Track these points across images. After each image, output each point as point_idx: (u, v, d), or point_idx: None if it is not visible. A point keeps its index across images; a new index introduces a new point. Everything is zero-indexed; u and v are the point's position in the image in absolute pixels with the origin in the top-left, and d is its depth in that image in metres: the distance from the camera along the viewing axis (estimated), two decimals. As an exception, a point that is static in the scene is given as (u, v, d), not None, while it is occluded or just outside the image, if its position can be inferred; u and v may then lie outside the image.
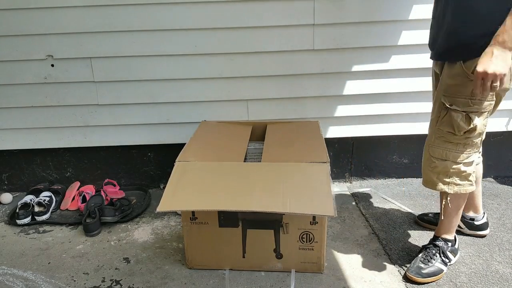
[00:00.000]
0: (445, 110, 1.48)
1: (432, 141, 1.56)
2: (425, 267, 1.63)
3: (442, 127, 1.51)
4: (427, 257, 1.66)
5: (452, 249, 1.71)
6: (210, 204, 1.47)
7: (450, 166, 1.53)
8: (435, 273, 1.63)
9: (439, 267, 1.64)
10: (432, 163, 1.56)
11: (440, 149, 1.53)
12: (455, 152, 1.51)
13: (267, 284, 1.64)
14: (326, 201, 1.43)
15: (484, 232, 1.90)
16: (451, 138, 1.50)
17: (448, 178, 1.54)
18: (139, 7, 2.08)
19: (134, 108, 2.28)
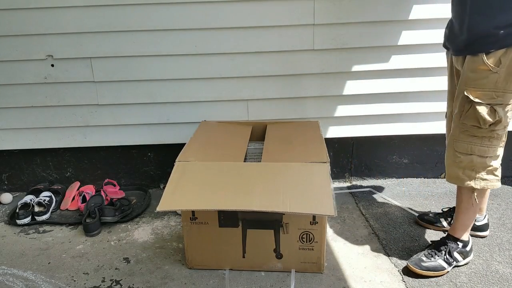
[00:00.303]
0: (469, 103, 1.46)
1: (456, 135, 1.53)
2: (426, 260, 1.64)
3: (466, 121, 1.48)
4: (432, 252, 1.66)
5: (462, 251, 1.68)
6: (210, 204, 1.47)
7: (475, 161, 1.51)
8: (435, 269, 1.62)
9: (441, 264, 1.64)
10: (457, 158, 1.54)
11: (465, 144, 1.51)
12: (480, 146, 1.49)
13: (267, 284, 1.64)
14: (326, 201, 1.43)
15: (484, 233, 1.90)
16: (476, 132, 1.48)
17: (474, 173, 1.53)
18: (139, 7, 2.08)
19: (134, 108, 2.28)
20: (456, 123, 1.53)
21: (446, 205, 2.20)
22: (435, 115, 2.35)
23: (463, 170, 1.54)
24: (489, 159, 1.51)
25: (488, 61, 1.39)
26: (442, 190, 2.37)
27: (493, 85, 1.41)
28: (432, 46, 2.15)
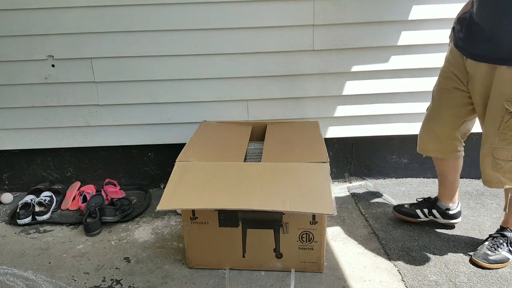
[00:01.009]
0: (509, 114, 1.50)
1: (496, 143, 1.57)
2: (492, 254, 1.69)
3: (506, 131, 1.53)
4: (494, 245, 1.72)
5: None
6: (210, 203, 1.48)
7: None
8: (501, 261, 1.69)
9: (506, 255, 1.70)
10: (497, 165, 1.59)
11: (505, 151, 1.56)
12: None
13: (267, 283, 1.65)
14: (326, 200, 1.43)
15: (456, 220, 1.98)
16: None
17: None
18: (140, 8, 2.08)
19: (135, 108, 2.28)
20: (494, 132, 1.56)
21: (445, 205, 2.21)
22: (434, 115, 2.35)
23: (504, 174, 1.60)
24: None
25: None
26: (441, 190, 2.37)
27: None
28: (432, 46, 2.15)
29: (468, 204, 2.21)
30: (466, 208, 2.16)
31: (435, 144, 1.83)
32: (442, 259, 1.77)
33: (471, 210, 2.15)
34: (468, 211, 2.14)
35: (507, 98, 1.48)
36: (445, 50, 1.82)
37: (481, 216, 2.09)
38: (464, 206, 2.19)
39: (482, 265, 1.69)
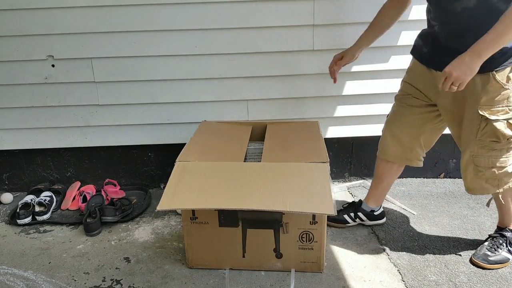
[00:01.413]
0: (485, 121, 1.50)
1: (476, 151, 1.57)
2: (492, 255, 1.70)
3: (484, 138, 1.53)
4: (494, 245, 1.72)
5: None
6: (210, 203, 1.48)
7: (497, 172, 1.57)
8: (501, 261, 1.70)
9: (506, 256, 1.71)
10: (479, 172, 1.60)
11: (485, 158, 1.56)
12: (500, 158, 1.55)
13: (267, 283, 1.65)
14: (326, 200, 1.43)
15: (382, 220, 2.03)
16: (495, 146, 1.53)
17: (497, 181, 1.60)
18: (140, 8, 2.08)
19: (135, 108, 2.28)
20: (473, 140, 1.56)
21: (445, 204, 2.21)
22: (434, 115, 2.35)
23: (486, 181, 1.60)
24: (509, 167, 1.57)
25: (499, 78, 1.44)
26: (441, 190, 2.37)
27: (506, 101, 1.47)
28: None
29: (468, 204, 2.21)
30: (466, 208, 2.17)
31: (398, 150, 1.84)
32: (442, 259, 1.77)
33: (471, 210, 2.15)
34: (468, 211, 2.14)
35: (480, 105, 1.50)
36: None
37: (481, 216, 2.09)
38: (464, 206, 2.19)
39: (482, 265, 1.69)
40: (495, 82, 1.45)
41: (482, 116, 1.50)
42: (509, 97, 1.46)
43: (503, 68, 1.43)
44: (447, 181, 2.48)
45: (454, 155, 2.49)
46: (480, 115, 1.50)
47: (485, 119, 1.50)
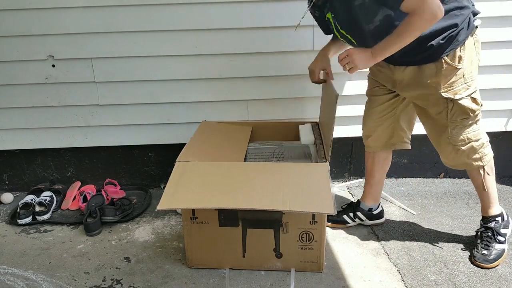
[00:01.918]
0: (451, 102, 1.59)
1: (449, 133, 1.65)
2: (489, 253, 1.73)
3: (455, 118, 1.61)
4: (486, 242, 1.75)
5: (505, 223, 1.79)
6: (210, 203, 1.48)
7: (474, 145, 1.66)
8: (500, 255, 1.73)
9: (500, 248, 1.74)
10: (458, 151, 1.67)
11: (460, 136, 1.64)
12: (472, 131, 1.64)
13: (267, 283, 1.65)
14: (326, 200, 1.43)
15: (381, 220, 2.04)
16: (466, 122, 1.62)
17: (477, 154, 1.67)
18: (140, 8, 2.08)
19: (135, 108, 2.29)
20: (444, 123, 1.64)
21: (445, 204, 2.22)
22: (434, 115, 2.36)
23: (467, 156, 1.68)
24: (482, 138, 1.67)
25: (450, 61, 1.53)
26: (441, 190, 2.37)
27: (462, 79, 1.56)
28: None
29: (468, 204, 2.21)
30: (466, 208, 2.17)
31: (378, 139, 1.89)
32: (442, 259, 1.78)
33: (471, 210, 2.15)
34: (468, 211, 2.14)
35: (443, 89, 1.57)
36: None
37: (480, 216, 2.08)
38: (463, 206, 2.20)
39: (486, 267, 1.70)
40: (447, 65, 1.53)
41: (448, 98, 1.58)
42: (464, 75, 1.55)
43: (452, 51, 1.52)
44: (447, 181, 2.48)
45: (453, 155, 2.49)
46: (445, 98, 1.58)
47: (451, 100, 1.58)
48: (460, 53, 1.53)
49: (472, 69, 1.57)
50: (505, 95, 2.33)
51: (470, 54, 1.55)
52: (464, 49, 1.53)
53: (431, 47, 1.51)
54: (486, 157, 1.70)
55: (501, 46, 2.22)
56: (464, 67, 1.54)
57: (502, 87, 2.30)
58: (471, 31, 1.52)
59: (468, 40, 1.53)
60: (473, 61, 1.57)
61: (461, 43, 1.51)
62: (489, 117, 2.38)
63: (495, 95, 2.32)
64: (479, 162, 1.69)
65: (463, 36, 1.51)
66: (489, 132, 2.39)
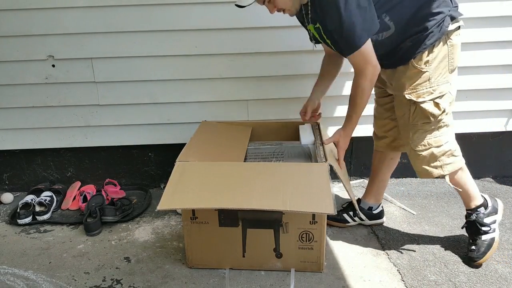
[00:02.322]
0: (414, 105, 1.59)
1: (411, 137, 1.66)
2: (477, 248, 1.71)
3: (416, 121, 1.62)
4: (474, 236, 1.74)
5: (489, 212, 1.77)
6: (210, 203, 1.48)
7: (435, 151, 1.64)
8: (489, 247, 1.71)
9: (488, 237, 1.73)
10: (419, 156, 1.67)
11: (421, 141, 1.65)
12: (433, 138, 1.63)
13: (267, 283, 1.65)
14: (326, 200, 1.43)
15: (381, 220, 2.03)
16: (427, 127, 1.62)
17: (438, 161, 1.66)
18: (140, 8, 2.08)
19: (135, 108, 2.29)
20: (407, 126, 1.65)
21: (445, 204, 2.22)
22: (434, 115, 2.36)
23: (428, 164, 1.67)
24: (445, 146, 1.65)
25: (416, 64, 1.55)
26: (441, 190, 2.37)
27: (427, 83, 1.56)
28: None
29: (467, 204, 2.21)
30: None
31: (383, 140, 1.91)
32: (442, 259, 1.78)
33: (471, 210, 2.15)
34: (468, 211, 2.14)
35: (406, 91, 1.59)
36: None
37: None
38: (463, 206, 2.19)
39: (481, 262, 1.70)
40: (413, 68, 1.55)
41: (410, 100, 1.58)
42: (430, 79, 1.55)
43: (419, 54, 1.53)
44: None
45: (454, 155, 2.49)
46: (408, 100, 1.59)
47: (413, 102, 1.58)
48: (428, 57, 1.53)
49: (441, 74, 1.56)
50: (505, 95, 2.33)
51: (440, 58, 1.54)
52: (432, 53, 1.53)
53: (400, 50, 1.55)
54: (448, 166, 1.66)
55: (501, 46, 2.22)
56: (430, 71, 1.54)
57: (502, 87, 2.30)
58: (441, 35, 1.51)
59: (439, 44, 1.52)
60: (443, 66, 1.56)
61: (429, 46, 1.51)
62: (489, 117, 2.38)
63: (495, 95, 2.32)
64: (439, 170, 1.66)
65: (431, 40, 1.51)
66: (489, 132, 2.42)
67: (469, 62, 2.24)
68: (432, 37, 1.50)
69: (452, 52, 1.56)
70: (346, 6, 1.40)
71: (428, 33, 1.50)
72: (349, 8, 1.41)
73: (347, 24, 1.43)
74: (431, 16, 1.49)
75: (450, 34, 1.53)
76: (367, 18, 1.45)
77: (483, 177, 2.52)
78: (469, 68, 2.26)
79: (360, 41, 1.46)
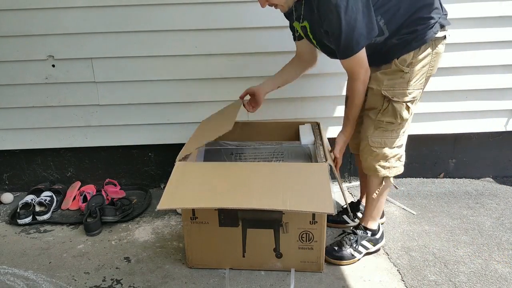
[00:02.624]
0: (387, 102, 1.59)
1: (371, 132, 1.66)
2: (338, 250, 1.75)
3: (383, 118, 1.62)
4: (343, 241, 1.76)
5: (372, 239, 1.78)
6: (210, 202, 1.48)
7: (387, 152, 1.66)
8: (344, 258, 1.73)
9: (351, 253, 1.74)
10: (372, 152, 1.68)
11: (378, 138, 1.65)
12: (390, 138, 1.65)
13: (267, 283, 1.65)
14: (326, 199, 1.43)
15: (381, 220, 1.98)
16: (389, 127, 1.63)
17: (388, 163, 1.68)
18: (140, 8, 2.08)
19: (135, 108, 2.29)
20: (372, 120, 1.65)
21: (445, 204, 2.22)
22: (433, 115, 2.36)
23: (378, 162, 1.68)
24: (396, 149, 1.68)
25: (399, 64, 1.54)
26: (441, 190, 2.37)
27: (406, 84, 1.56)
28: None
29: (468, 204, 2.21)
30: (465, 208, 2.17)
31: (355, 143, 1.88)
32: (442, 259, 1.78)
33: (471, 210, 2.15)
34: (468, 211, 2.14)
35: (384, 87, 1.58)
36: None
37: (480, 216, 2.09)
38: (463, 206, 2.20)
39: (326, 259, 1.73)
40: (395, 67, 1.54)
41: (385, 96, 1.58)
42: (409, 81, 1.55)
43: (403, 55, 1.53)
44: (447, 181, 2.48)
45: (453, 155, 2.49)
46: (383, 96, 1.58)
47: (387, 100, 1.58)
48: (411, 59, 1.52)
49: (419, 79, 1.56)
50: (505, 95, 2.33)
51: (423, 63, 1.54)
52: (416, 57, 1.52)
53: (385, 47, 1.54)
54: (394, 169, 1.69)
55: (501, 46, 2.22)
56: (411, 73, 1.54)
57: (502, 87, 2.30)
58: (427, 41, 1.50)
59: (424, 49, 1.52)
60: (423, 72, 1.56)
61: (414, 49, 1.51)
62: (489, 117, 2.38)
63: (495, 95, 2.32)
64: (386, 171, 1.68)
65: (417, 43, 1.50)
66: (489, 132, 2.42)
67: (469, 62, 2.24)
68: (419, 40, 1.50)
69: (434, 60, 1.56)
70: (347, 11, 1.39)
71: (416, 35, 1.50)
72: (349, 14, 1.40)
73: (346, 29, 1.42)
74: (423, 20, 1.49)
75: (437, 42, 1.53)
76: (367, 24, 1.45)
77: (483, 177, 2.52)
78: (469, 68, 2.26)
79: (357, 47, 1.47)
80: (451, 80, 2.28)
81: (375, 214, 1.78)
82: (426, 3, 1.50)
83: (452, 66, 2.24)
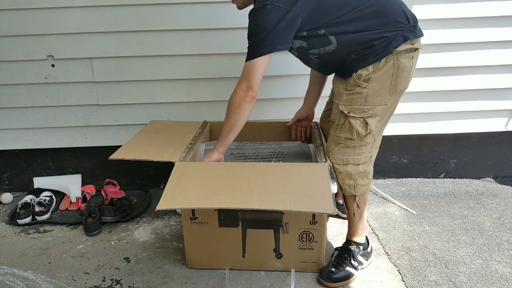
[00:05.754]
0: (344, 117, 1.55)
1: (332, 148, 1.62)
2: (336, 271, 1.64)
3: (341, 134, 1.58)
4: (339, 261, 1.68)
5: (364, 253, 1.73)
6: (210, 203, 1.48)
7: (351, 169, 1.60)
8: (345, 278, 1.64)
9: (349, 271, 1.66)
10: (336, 170, 1.63)
11: (340, 155, 1.61)
12: (353, 155, 1.59)
13: (267, 283, 1.65)
14: (326, 199, 1.43)
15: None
16: (349, 143, 1.58)
17: (353, 181, 1.61)
18: (140, 8, 2.08)
19: (135, 108, 2.28)
20: (332, 136, 1.62)
21: (445, 204, 2.21)
22: (434, 115, 2.36)
23: (343, 181, 1.62)
24: (362, 166, 1.61)
25: (356, 78, 1.49)
26: (441, 190, 2.37)
27: (363, 100, 1.51)
28: (430, 46, 2.15)
29: (468, 204, 2.21)
30: (466, 208, 2.17)
31: None
32: (442, 259, 1.77)
33: (471, 210, 2.15)
34: (468, 211, 2.14)
35: (342, 102, 1.55)
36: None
37: (481, 216, 2.09)
38: (464, 206, 2.20)
39: (327, 285, 1.62)
40: (353, 81, 1.50)
41: (342, 112, 1.55)
42: (367, 97, 1.50)
43: (361, 70, 1.48)
44: (447, 181, 2.48)
45: (454, 155, 2.49)
46: (340, 111, 1.55)
47: (344, 115, 1.54)
48: (370, 74, 1.47)
49: (379, 94, 1.50)
50: (505, 95, 2.33)
51: (383, 78, 1.48)
52: (375, 72, 1.46)
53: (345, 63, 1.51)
54: (360, 188, 1.62)
55: (501, 46, 2.22)
56: (369, 88, 1.48)
57: (502, 87, 2.30)
58: (386, 54, 1.44)
59: (385, 64, 1.46)
60: (385, 87, 1.49)
61: (371, 63, 1.46)
62: (489, 117, 2.38)
63: (495, 95, 2.32)
64: (352, 190, 1.62)
65: (375, 58, 1.45)
66: (489, 132, 2.42)
67: (469, 62, 2.24)
68: (376, 54, 1.45)
69: (397, 75, 1.48)
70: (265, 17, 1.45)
71: (374, 50, 1.45)
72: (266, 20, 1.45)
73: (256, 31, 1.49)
74: (379, 35, 1.44)
75: (399, 55, 1.46)
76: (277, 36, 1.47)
77: (483, 177, 2.52)
78: (469, 68, 2.26)
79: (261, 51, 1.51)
80: (451, 80, 2.28)
81: (360, 229, 1.71)
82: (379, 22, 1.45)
83: (452, 66, 2.24)
